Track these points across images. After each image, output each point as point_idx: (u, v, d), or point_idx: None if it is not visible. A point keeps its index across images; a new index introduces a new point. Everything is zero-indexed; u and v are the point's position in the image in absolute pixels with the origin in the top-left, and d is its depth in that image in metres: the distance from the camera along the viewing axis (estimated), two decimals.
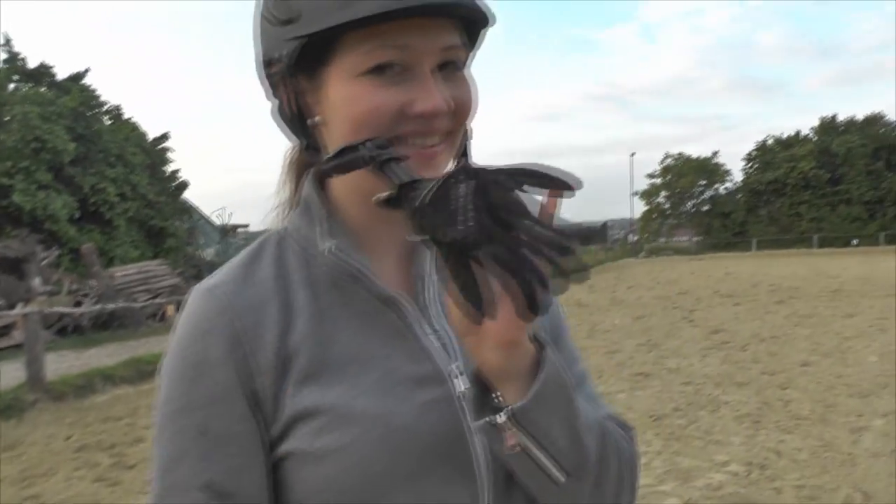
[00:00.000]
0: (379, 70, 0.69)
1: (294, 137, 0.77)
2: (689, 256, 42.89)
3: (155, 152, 24.64)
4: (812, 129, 52.30)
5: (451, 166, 0.74)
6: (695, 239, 53.03)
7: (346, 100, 0.70)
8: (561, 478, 0.69)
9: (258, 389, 0.71)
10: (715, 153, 54.82)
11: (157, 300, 14.82)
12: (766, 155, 52.60)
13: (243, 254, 0.80)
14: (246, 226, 45.28)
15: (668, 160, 55.26)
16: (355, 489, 0.69)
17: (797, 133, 52.71)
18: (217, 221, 37.10)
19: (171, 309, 14.68)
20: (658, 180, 55.49)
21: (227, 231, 37.54)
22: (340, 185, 0.77)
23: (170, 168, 25.52)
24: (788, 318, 13.05)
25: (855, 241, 44.74)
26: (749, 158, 53.70)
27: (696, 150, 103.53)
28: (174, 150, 26.21)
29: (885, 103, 62.37)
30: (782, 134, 53.42)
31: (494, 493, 0.74)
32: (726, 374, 8.22)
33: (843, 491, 4.51)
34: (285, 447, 0.71)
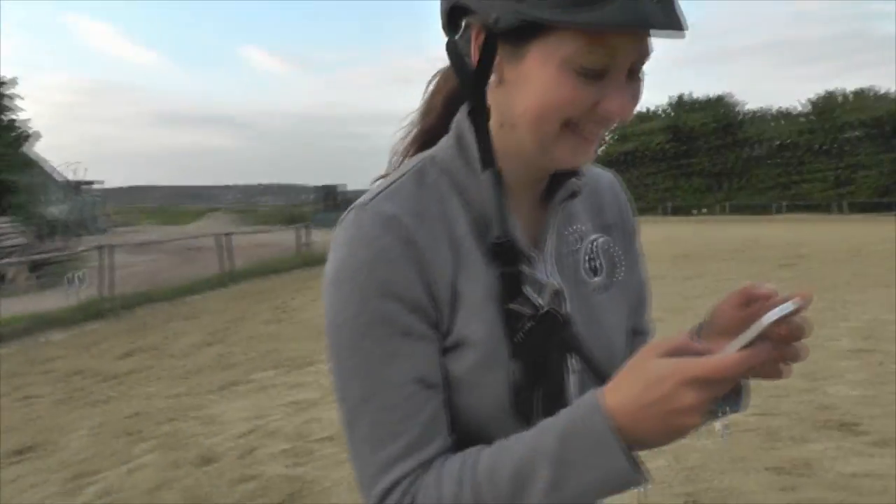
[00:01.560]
0: (589, 70, 0.74)
1: (466, 89, 0.81)
2: None
3: None
4: (667, 104, 55.46)
5: None
6: None
7: (545, 83, 0.74)
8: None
9: (441, 308, 0.80)
10: None
11: (6, 260, 13.87)
12: (621, 127, 55.23)
13: (408, 179, 0.84)
14: (99, 182, 42.90)
15: None
16: (481, 418, 0.81)
17: (650, 109, 55.76)
18: (68, 177, 34.83)
19: (18, 270, 13.79)
20: None
21: (77, 188, 35.36)
22: (506, 139, 0.83)
23: (12, 117, 23.67)
24: None
25: (702, 210, 48.06)
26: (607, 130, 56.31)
27: None
28: (22, 98, 24.31)
29: (732, 85, 66.64)
30: (638, 108, 56.20)
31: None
32: None
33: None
34: (448, 364, 0.81)
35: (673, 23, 0.71)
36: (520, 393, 0.80)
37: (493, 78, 0.80)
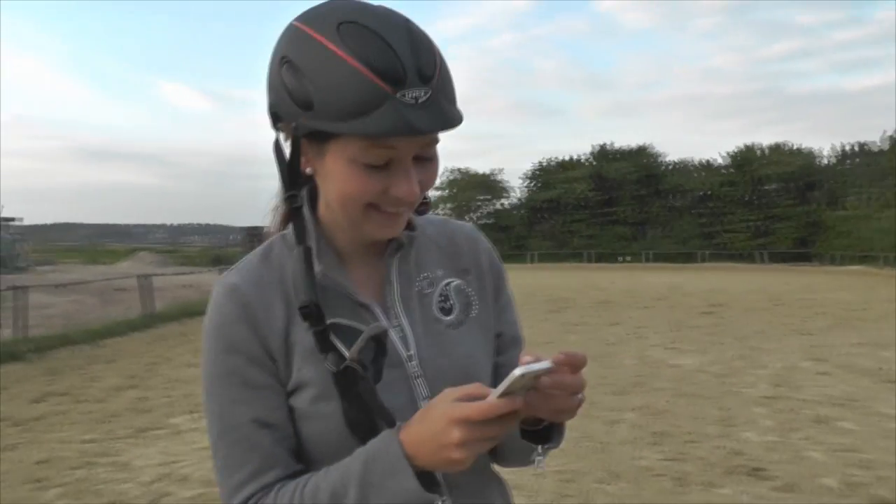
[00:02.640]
0: (373, 166, 0.88)
1: (283, 181, 0.97)
2: None
3: None
4: (589, 153, 56.82)
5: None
6: None
7: (340, 176, 0.89)
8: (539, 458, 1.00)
9: (276, 359, 0.95)
10: (499, 170, 57.85)
11: None
12: (545, 175, 56.47)
13: (256, 255, 1.02)
14: (18, 219, 41.45)
15: (453, 174, 57.55)
16: (333, 442, 0.94)
17: (574, 157, 57.00)
18: None
19: None
20: (443, 192, 57.53)
21: None
22: (329, 215, 0.99)
23: None
24: (561, 325, 14.27)
25: (626, 258, 49.16)
26: (529, 177, 57.35)
27: (479, 166, 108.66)
28: None
29: (652, 136, 68.81)
30: (560, 157, 57.49)
31: None
32: None
33: (595, 473, 5.18)
34: (293, 402, 0.96)
35: (437, 124, 0.85)
36: (355, 427, 0.91)
37: (309, 170, 0.95)
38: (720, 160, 54.02)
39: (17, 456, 5.99)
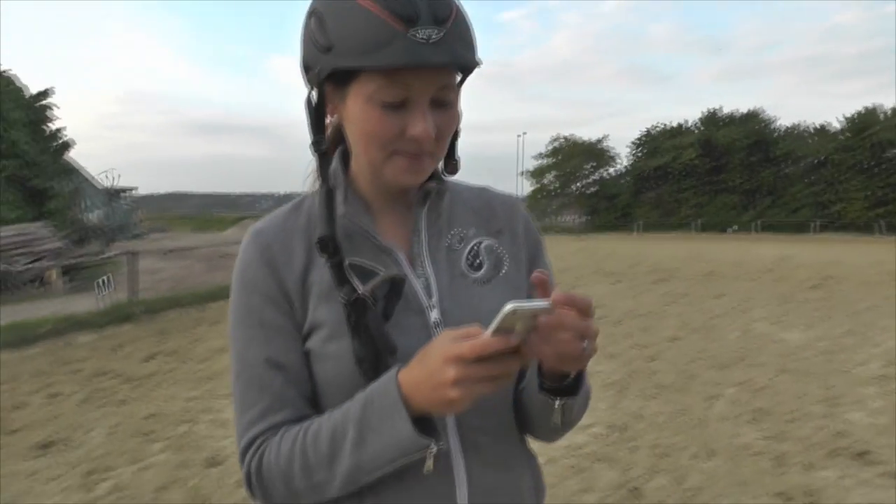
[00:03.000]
0: (390, 104, 0.91)
1: (311, 129, 0.99)
2: (574, 236, 44.22)
3: (35, 109, 23.41)
4: (698, 119, 54.70)
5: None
6: (582, 219, 54.62)
7: (360, 117, 0.93)
8: (557, 425, 1.03)
9: (292, 301, 0.99)
10: (604, 136, 56.40)
11: (38, 264, 14.24)
12: (652, 142, 54.73)
13: (287, 206, 1.07)
14: (134, 189, 43.70)
15: (558, 142, 56.61)
16: (344, 383, 0.95)
17: (681, 124, 54.97)
18: (104, 184, 35.56)
19: (53, 273, 14.13)
20: (547, 160, 56.75)
21: (113, 194, 36.06)
22: (356, 164, 1.04)
23: (52, 126, 24.28)
24: (663, 296, 13.87)
25: (733, 228, 47.38)
26: (636, 144, 55.74)
27: (585, 134, 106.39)
28: (59, 108, 24.94)
29: (762, 100, 65.73)
30: (669, 123, 55.65)
31: None
32: (599, 347, 8.72)
33: (691, 449, 5.02)
34: (308, 345, 0.99)
35: (447, 59, 0.88)
36: (362, 362, 0.93)
37: (335, 118, 1.00)
38: (836, 124, 51.17)
39: (129, 410, 6.32)
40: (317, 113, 0.98)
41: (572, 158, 55.08)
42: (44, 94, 24.08)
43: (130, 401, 6.65)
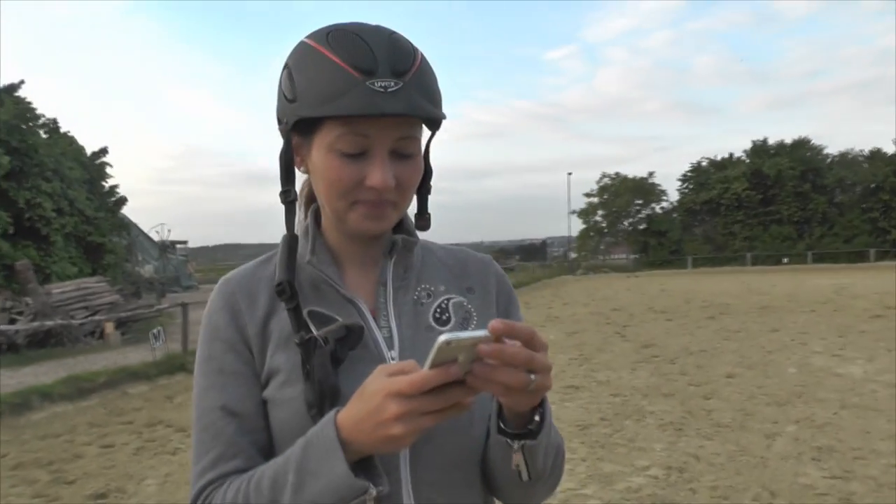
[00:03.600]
0: (348, 153, 0.94)
1: (282, 179, 1.01)
2: (625, 274, 43.73)
3: (93, 167, 24.21)
4: (744, 151, 54.03)
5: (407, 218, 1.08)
6: (631, 256, 54.03)
7: (321, 166, 0.96)
8: (527, 479, 0.96)
9: (252, 348, 1.01)
10: (651, 174, 55.92)
11: (96, 317, 14.59)
12: (700, 176, 54.12)
13: (260, 257, 1.11)
14: (184, 242, 44.74)
15: (605, 179, 56.35)
16: (296, 429, 0.94)
17: (730, 155, 54.38)
18: (156, 237, 36.50)
19: (109, 326, 14.45)
20: (595, 199, 56.48)
21: (166, 247, 36.95)
22: (324, 215, 1.07)
23: (108, 183, 25.08)
24: (717, 332, 13.58)
25: (785, 260, 46.32)
26: (684, 179, 55.19)
27: (632, 171, 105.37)
28: (112, 166, 25.79)
29: (811, 128, 64.58)
30: (716, 156, 55.04)
31: (412, 449, 0.98)
32: (653, 386, 8.58)
33: (752, 490, 4.85)
34: (266, 392, 1.00)
35: (404, 108, 0.90)
36: (311, 407, 0.92)
37: (300, 170, 1.03)
38: (891, 147, 49.90)
39: (181, 459, 6.37)
40: (286, 164, 1.00)
41: (620, 196, 54.71)
42: (101, 152, 24.95)
43: (183, 450, 6.71)
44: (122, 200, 25.92)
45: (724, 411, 7.17)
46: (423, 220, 1.09)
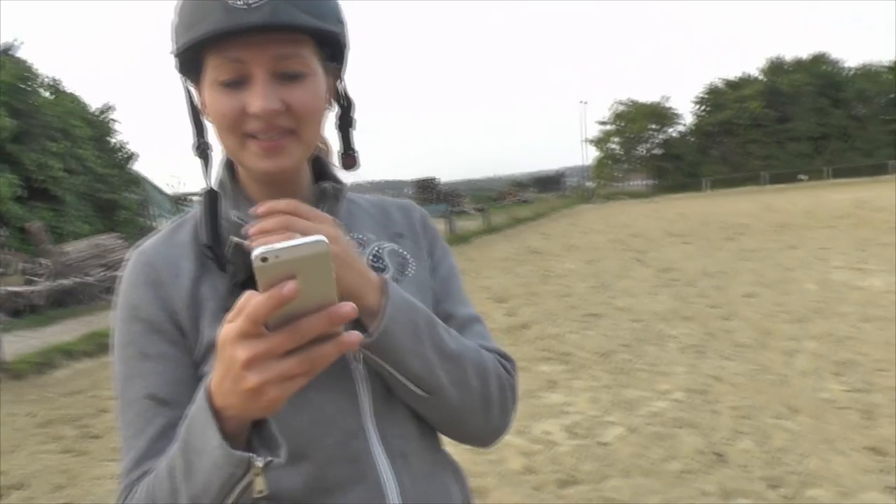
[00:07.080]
0: (225, 82, 0.86)
1: (193, 132, 0.95)
2: (642, 200, 43.39)
3: (100, 124, 24.11)
4: (761, 67, 52.90)
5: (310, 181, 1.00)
6: (649, 182, 53.55)
7: (209, 104, 0.89)
8: (422, 394, 0.90)
9: (181, 321, 0.90)
10: (665, 97, 54.96)
11: (111, 273, 14.68)
12: (715, 97, 53.11)
13: (171, 222, 1.00)
14: (198, 193, 44.77)
15: (620, 106, 55.48)
16: None
17: (744, 74, 53.27)
18: (169, 191, 36.53)
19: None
20: (609, 126, 55.74)
21: (180, 200, 37.03)
22: (242, 169, 0.97)
23: (116, 139, 25.00)
24: (736, 253, 13.45)
25: (803, 176, 45.66)
26: (699, 101, 54.22)
27: (646, 95, 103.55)
28: (120, 122, 25.66)
29: (832, 42, 63.01)
30: (730, 75, 53.94)
31: (374, 401, 0.93)
32: (673, 310, 8.52)
33: (773, 408, 4.81)
34: (204, 369, 0.89)
35: (267, 20, 0.81)
36: None
37: (206, 118, 0.94)
38: None
39: None
40: (193, 115, 0.94)
41: (634, 121, 53.87)
42: (107, 108, 24.80)
43: None
44: (131, 156, 25.87)
45: (743, 331, 7.12)
46: (349, 157, 1.01)
